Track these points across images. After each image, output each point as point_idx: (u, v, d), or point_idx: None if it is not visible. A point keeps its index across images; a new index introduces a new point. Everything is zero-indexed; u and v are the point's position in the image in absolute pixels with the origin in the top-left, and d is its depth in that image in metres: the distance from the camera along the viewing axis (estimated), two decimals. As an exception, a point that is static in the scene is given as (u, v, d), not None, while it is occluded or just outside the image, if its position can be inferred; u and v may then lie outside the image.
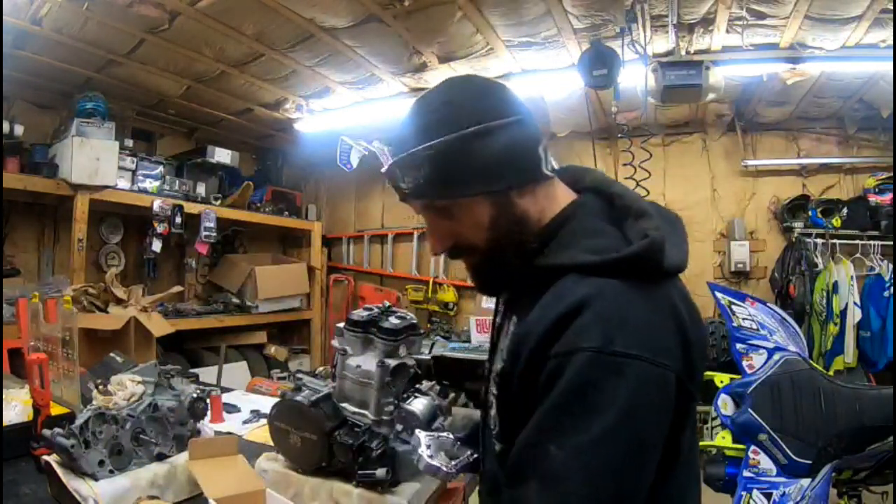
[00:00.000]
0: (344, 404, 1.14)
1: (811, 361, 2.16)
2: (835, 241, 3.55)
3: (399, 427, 1.12)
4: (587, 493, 0.60)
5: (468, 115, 0.71)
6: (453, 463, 0.90)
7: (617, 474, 0.61)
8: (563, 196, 0.79)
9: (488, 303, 4.41)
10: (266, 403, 1.94)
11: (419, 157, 0.72)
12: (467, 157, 0.71)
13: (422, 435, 0.95)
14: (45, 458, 1.11)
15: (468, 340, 4.16)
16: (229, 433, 1.57)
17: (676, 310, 0.69)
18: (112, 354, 1.97)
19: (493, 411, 0.76)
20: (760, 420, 1.95)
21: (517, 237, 0.75)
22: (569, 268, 0.69)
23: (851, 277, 3.43)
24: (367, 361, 1.12)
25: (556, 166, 0.78)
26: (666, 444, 0.65)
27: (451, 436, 0.95)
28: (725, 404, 2.08)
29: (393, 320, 1.15)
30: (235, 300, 4.26)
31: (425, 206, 0.78)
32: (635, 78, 2.67)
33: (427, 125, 0.73)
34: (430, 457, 0.90)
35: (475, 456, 0.91)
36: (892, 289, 3.38)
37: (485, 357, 1.04)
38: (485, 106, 0.73)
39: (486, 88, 0.76)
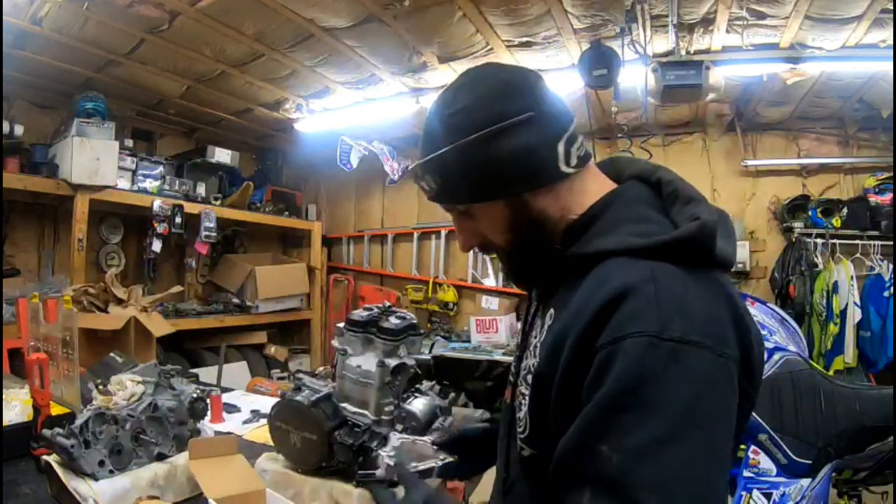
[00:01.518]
0: (344, 404, 1.14)
1: (811, 361, 2.16)
2: (835, 241, 3.55)
3: (399, 427, 1.12)
4: (653, 500, 0.52)
5: (476, 121, 0.69)
6: (420, 466, 0.90)
7: (688, 477, 0.53)
8: (597, 188, 0.75)
9: (488, 303, 4.41)
10: (266, 403, 1.94)
11: (433, 163, 0.72)
12: (476, 164, 0.70)
13: (393, 437, 0.95)
14: (45, 458, 1.11)
15: (468, 340, 4.16)
16: (229, 433, 1.57)
17: (733, 300, 0.63)
18: (112, 354, 1.98)
19: (521, 413, 0.72)
20: (760, 420, 1.94)
21: (536, 237, 0.73)
22: (613, 253, 0.65)
23: (851, 277, 3.43)
24: (367, 361, 1.12)
25: (589, 157, 0.75)
26: None
27: (427, 441, 0.95)
28: (725, 404, 2.07)
29: (393, 320, 1.15)
30: (235, 300, 4.26)
31: (448, 208, 0.79)
32: (635, 78, 2.67)
33: (439, 134, 0.72)
34: (390, 456, 0.90)
35: (449, 461, 0.91)
36: (892, 289, 3.38)
37: (485, 357, 1.04)
38: (492, 108, 0.70)
39: (497, 85, 0.72)
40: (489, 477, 1.50)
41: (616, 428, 0.55)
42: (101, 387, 1.23)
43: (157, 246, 3.58)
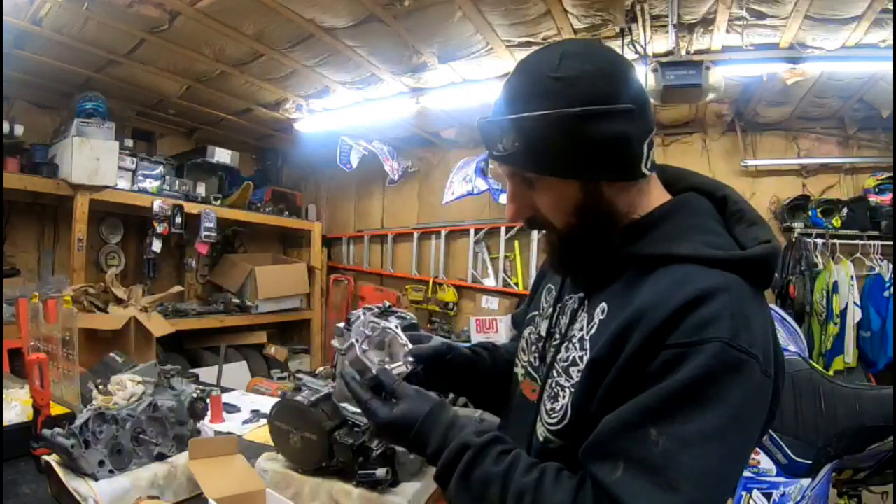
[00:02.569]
0: (344, 404, 1.13)
1: (811, 361, 2.16)
2: (835, 241, 3.55)
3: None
4: (687, 489, 0.55)
5: (580, 93, 0.66)
6: (392, 365, 0.82)
7: (718, 476, 0.58)
8: (658, 193, 0.76)
9: (488, 303, 4.41)
10: (266, 403, 1.94)
11: (519, 123, 0.67)
12: (569, 138, 0.66)
13: (362, 324, 0.89)
14: (45, 458, 1.11)
15: (468, 340, 4.16)
16: (229, 433, 1.57)
17: (774, 325, 0.68)
18: (112, 354, 1.97)
19: (557, 404, 0.71)
20: (760, 420, 1.94)
21: (598, 229, 0.72)
22: (685, 258, 0.67)
23: (851, 277, 3.43)
24: (367, 361, 1.12)
25: (655, 164, 0.75)
26: None
27: (405, 341, 0.87)
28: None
29: (393, 320, 1.15)
30: (235, 300, 4.26)
31: (512, 173, 0.74)
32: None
33: (535, 93, 0.68)
34: (364, 351, 0.83)
35: (417, 368, 0.84)
36: (892, 289, 3.38)
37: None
38: (599, 87, 0.67)
39: (606, 66, 0.69)
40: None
41: (671, 416, 0.58)
42: (101, 387, 1.23)
43: (157, 246, 3.58)
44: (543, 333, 0.83)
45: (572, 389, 0.70)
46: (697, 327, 0.60)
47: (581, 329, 0.73)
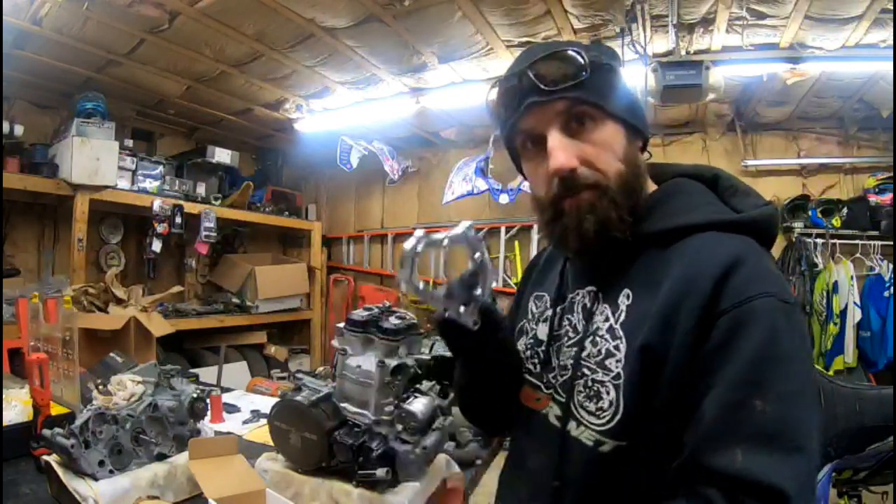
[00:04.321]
0: (344, 404, 1.13)
1: (811, 361, 2.16)
2: (835, 241, 3.55)
3: (399, 427, 1.12)
4: (806, 443, 0.57)
5: (619, 65, 0.80)
6: (465, 308, 0.73)
7: (817, 419, 0.60)
8: (650, 184, 0.81)
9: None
10: (266, 403, 1.94)
11: (591, 60, 0.72)
12: (623, 84, 0.77)
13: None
14: (45, 458, 1.11)
15: (468, 340, 4.15)
16: (229, 433, 1.57)
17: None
18: (112, 354, 1.97)
19: (602, 402, 0.69)
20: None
21: (640, 181, 0.76)
22: (702, 226, 0.70)
23: (851, 277, 3.43)
24: (367, 361, 1.12)
25: None
26: None
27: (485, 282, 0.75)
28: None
29: (393, 320, 1.15)
30: (235, 300, 4.26)
31: (567, 107, 0.71)
32: (635, 78, 2.66)
33: (589, 49, 0.75)
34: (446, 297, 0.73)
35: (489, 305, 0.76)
36: (892, 289, 3.38)
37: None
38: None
39: None
40: (489, 477, 1.50)
41: (765, 380, 0.59)
42: (101, 387, 1.23)
43: (157, 246, 3.58)
44: (543, 337, 0.81)
45: (616, 382, 0.68)
46: (744, 287, 0.62)
47: (606, 320, 0.72)
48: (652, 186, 0.80)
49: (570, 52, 0.72)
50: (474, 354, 0.82)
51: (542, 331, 0.82)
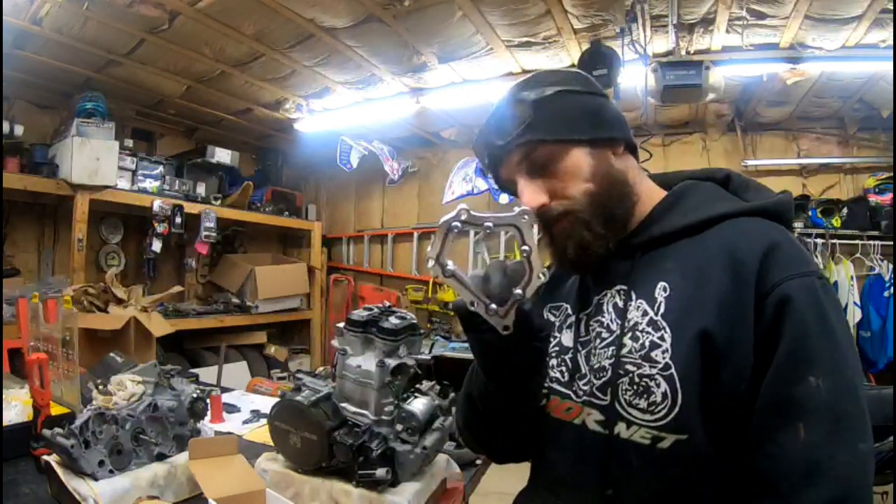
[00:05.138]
0: (344, 404, 1.13)
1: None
2: (835, 241, 3.55)
3: (399, 427, 1.12)
4: (858, 412, 0.62)
5: (576, 81, 0.79)
6: (495, 307, 0.64)
7: (862, 385, 0.64)
8: (654, 185, 0.83)
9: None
10: (266, 403, 1.94)
11: (531, 100, 0.75)
12: (574, 104, 0.76)
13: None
14: (45, 458, 1.11)
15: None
16: (229, 433, 1.57)
17: None
18: (112, 354, 1.97)
19: (655, 393, 0.66)
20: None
21: (616, 193, 0.76)
22: (732, 214, 0.73)
23: (851, 277, 3.43)
24: (367, 361, 1.12)
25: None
26: None
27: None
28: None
29: (393, 320, 1.15)
30: (235, 300, 4.26)
31: (523, 156, 0.75)
32: (635, 78, 2.67)
33: (540, 80, 0.78)
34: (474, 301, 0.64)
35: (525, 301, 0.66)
36: (892, 289, 3.38)
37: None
38: (580, 79, 0.80)
39: (576, 72, 0.83)
40: (490, 478, 1.50)
41: (815, 357, 0.62)
42: (101, 387, 1.23)
43: (157, 246, 3.58)
44: (569, 344, 0.79)
45: (666, 373, 0.66)
46: (785, 266, 0.65)
47: (645, 314, 0.71)
48: (660, 192, 0.82)
49: (511, 101, 0.77)
50: (498, 361, 0.72)
51: (567, 338, 0.80)
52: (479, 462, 1.44)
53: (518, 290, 0.64)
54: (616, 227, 0.76)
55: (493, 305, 0.64)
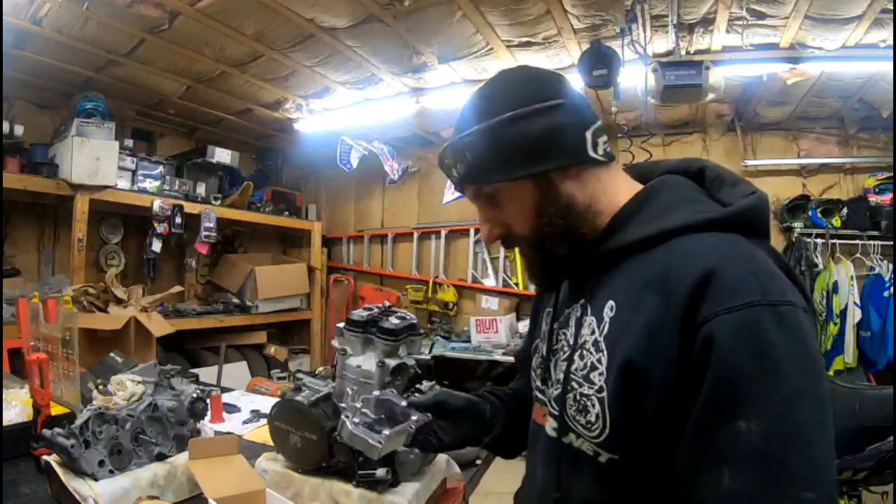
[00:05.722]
0: (344, 404, 1.13)
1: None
2: (835, 241, 3.56)
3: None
4: (803, 459, 0.53)
5: (505, 102, 0.72)
6: (385, 433, 0.82)
7: (819, 424, 0.55)
8: (628, 187, 0.76)
9: (488, 303, 4.41)
10: (266, 403, 1.94)
11: (463, 143, 0.73)
12: (505, 141, 0.71)
13: (357, 403, 0.90)
14: (45, 458, 1.11)
15: (468, 340, 4.16)
16: (229, 433, 1.57)
17: (785, 262, 0.67)
18: (112, 354, 1.97)
19: (590, 413, 0.67)
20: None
21: (563, 224, 0.73)
22: (678, 231, 0.66)
23: (851, 277, 3.43)
24: (367, 361, 1.12)
25: (613, 157, 0.76)
26: None
27: (398, 399, 0.88)
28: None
29: (393, 320, 1.15)
30: (235, 300, 4.26)
31: (474, 194, 0.77)
32: (635, 78, 2.67)
33: (469, 116, 0.75)
34: (356, 425, 0.83)
35: (421, 423, 0.84)
36: (892, 289, 3.38)
37: (485, 357, 1.04)
38: (522, 92, 0.72)
39: (531, 74, 0.77)
40: (490, 478, 1.50)
41: (747, 400, 0.55)
42: (101, 387, 1.23)
43: (157, 246, 3.58)
44: (545, 353, 0.81)
45: (600, 396, 0.66)
46: (722, 298, 0.58)
47: (592, 333, 0.70)
48: (635, 189, 0.76)
49: (450, 147, 0.76)
50: (465, 443, 0.96)
51: (545, 348, 0.82)
52: (479, 462, 1.44)
53: (403, 404, 0.87)
54: (572, 247, 0.74)
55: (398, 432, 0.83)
